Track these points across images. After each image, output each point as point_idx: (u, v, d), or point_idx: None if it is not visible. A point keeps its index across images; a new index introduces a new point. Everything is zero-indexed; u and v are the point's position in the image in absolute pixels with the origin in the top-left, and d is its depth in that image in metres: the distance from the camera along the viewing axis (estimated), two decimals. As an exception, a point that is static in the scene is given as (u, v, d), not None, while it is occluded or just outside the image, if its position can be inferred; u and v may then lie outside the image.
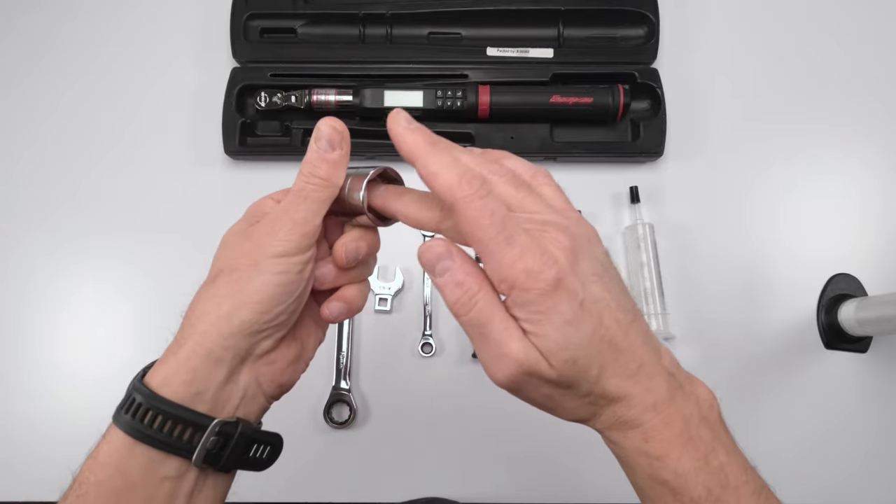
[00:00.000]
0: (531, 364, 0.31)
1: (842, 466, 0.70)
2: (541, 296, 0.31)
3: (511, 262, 0.31)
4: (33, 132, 0.79)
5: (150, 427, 0.34)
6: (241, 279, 0.36)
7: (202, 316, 0.36)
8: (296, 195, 0.37)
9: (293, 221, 0.36)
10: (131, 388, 0.36)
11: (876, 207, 0.77)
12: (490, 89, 0.75)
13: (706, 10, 0.83)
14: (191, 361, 0.35)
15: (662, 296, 0.71)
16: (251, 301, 0.35)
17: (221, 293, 0.36)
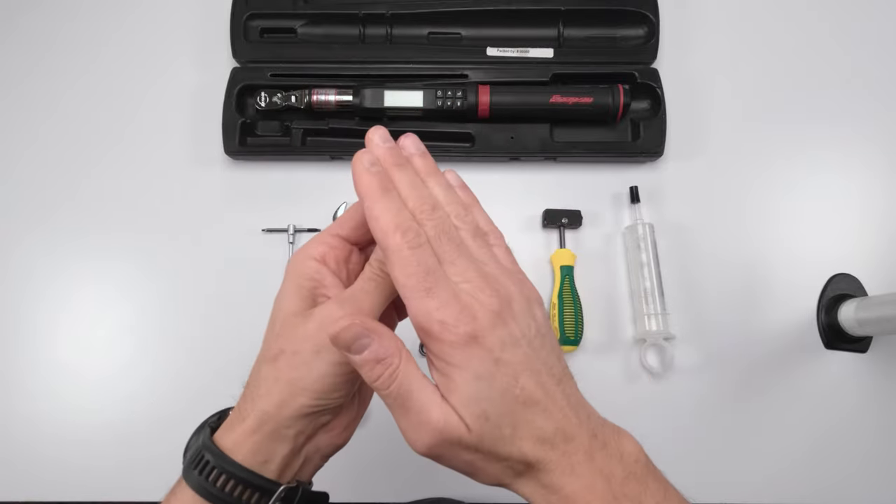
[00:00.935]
0: (451, 430, 0.32)
1: (841, 466, 0.70)
2: (452, 348, 0.32)
3: (428, 311, 0.32)
4: (33, 132, 0.79)
5: (219, 489, 0.35)
6: (303, 365, 0.36)
7: (264, 395, 0.36)
8: (364, 283, 0.37)
9: (358, 310, 0.36)
10: (201, 447, 0.37)
11: (876, 207, 0.77)
12: (490, 89, 0.75)
13: (706, 10, 0.83)
14: (255, 436, 0.36)
15: (662, 296, 0.71)
16: (311, 389, 0.36)
17: (283, 377, 0.36)
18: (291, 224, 0.74)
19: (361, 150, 0.36)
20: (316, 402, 0.36)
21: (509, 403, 0.32)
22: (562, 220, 0.74)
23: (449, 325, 0.31)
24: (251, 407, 0.37)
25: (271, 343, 0.37)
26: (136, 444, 0.70)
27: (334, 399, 0.37)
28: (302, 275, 0.38)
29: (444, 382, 0.32)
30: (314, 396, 0.36)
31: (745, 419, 0.71)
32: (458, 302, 0.32)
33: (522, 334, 0.33)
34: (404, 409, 0.33)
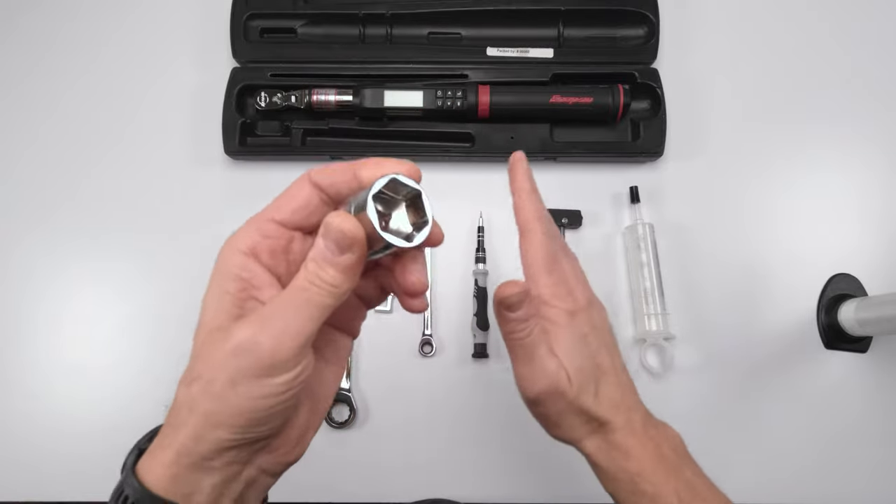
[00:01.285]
0: (560, 380, 0.41)
1: (842, 466, 0.70)
2: (559, 314, 0.42)
3: (546, 284, 0.43)
4: (33, 132, 0.79)
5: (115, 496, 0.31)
6: (217, 398, 0.30)
7: (181, 425, 0.31)
8: (294, 296, 0.30)
9: (289, 331, 0.29)
10: (123, 478, 0.33)
11: (876, 207, 0.77)
12: (490, 89, 0.75)
13: (706, 10, 0.83)
14: (174, 468, 0.31)
15: (662, 296, 0.71)
16: (228, 423, 0.30)
17: (198, 407, 0.31)
18: None
19: (519, 151, 0.46)
20: (237, 436, 0.31)
21: (593, 368, 0.42)
22: (562, 220, 0.74)
23: (561, 297, 0.42)
24: (172, 436, 0.31)
25: (190, 363, 0.32)
26: (135, 444, 0.70)
27: (261, 431, 0.32)
28: (226, 275, 0.32)
29: (550, 339, 0.41)
30: (233, 431, 0.31)
31: (745, 419, 0.71)
32: (567, 285, 0.43)
33: (601, 324, 0.44)
34: (529, 357, 0.41)
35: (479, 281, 0.73)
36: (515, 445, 0.70)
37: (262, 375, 0.30)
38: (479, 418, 0.70)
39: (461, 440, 0.69)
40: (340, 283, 0.30)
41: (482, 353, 0.71)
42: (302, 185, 0.34)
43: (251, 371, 0.29)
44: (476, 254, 0.74)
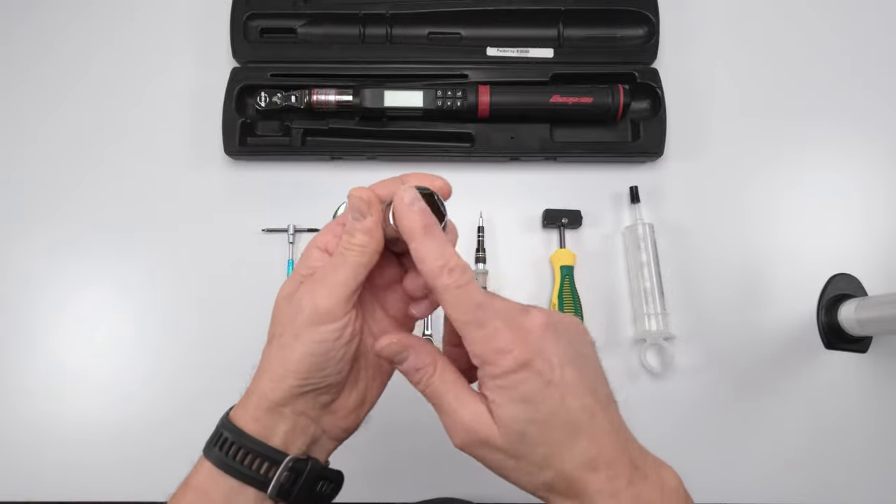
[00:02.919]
0: (479, 431, 0.35)
1: (841, 466, 0.70)
2: (506, 372, 0.33)
3: (482, 341, 0.34)
4: (33, 132, 0.79)
5: (234, 459, 0.37)
6: (285, 347, 0.37)
7: (262, 375, 0.39)
8: (336, 259, 0.38)
9: (332, 284, 0.37)
10: (220, 426, 0.39)
11: (876, 207, 0.77)
12: (490, 89, 0.75)
13: (706, 10, 0.83)
14: (258, 412, 0.38)
15: (662, 296, 0.71)
16: (294, 370, 0.37)
17: (273, 359, 0.38)
18: (291, 224, 0.74)
19: (402, 187, 0.37)
20: (303, 381, 0.37)
21: (553, 426, 0.34)
22: (562, 220, 0.74)
23: (502, 352, 0.33)
24: (254, 386, 0.39)
25: (270, 327, 0.39)
26: (136, 443, 0.70)
27: (322, 378, 0.38)
28: (305, 264, 0.39)
29: (490, 400, 0.35)
30: (300, 377, 0.37)
31: (745, 419, 0.71)
32: (510, 328, 0.34)
33: (569, 358, 0.35)
34: (440, 408, 0.37)
35: (479, 281, 0.73)
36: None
37: (317, 323, 0.36)
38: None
39: (461, 440, 0.69)
40: (366, 242, 0.37)
41: (482, 353, 0.71)
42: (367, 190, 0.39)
43: (308, 321, 0.37)
44: (476, 254, 0.74)
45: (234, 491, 0.37)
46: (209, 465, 0.37)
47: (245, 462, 0.37)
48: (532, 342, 0.34)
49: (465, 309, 0.34)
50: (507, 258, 0.75)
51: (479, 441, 0.35)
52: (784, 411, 0.71)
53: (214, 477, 0.37)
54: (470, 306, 0.34)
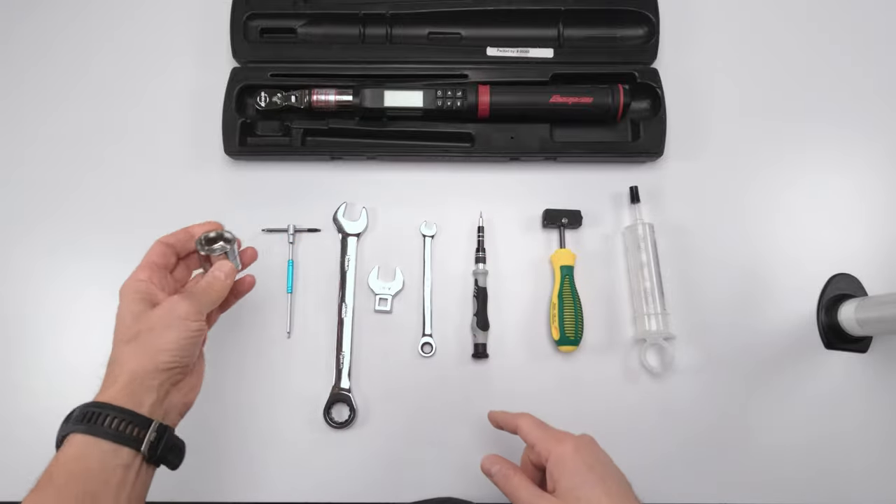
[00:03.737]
0: None
1: (842, 466, 0.70)
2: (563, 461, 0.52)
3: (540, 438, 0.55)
4: (34, 132, 0.79)
5: (105, 427, 0.46)
6: (159, 335, 0.51)
7: (129, 360, 0.50)
8: (204, 287, 0.56)
9: (200, 305, 0.54)
10: (82, 409, 0.48)
11: (876, 207, 0.77)
12: (490, 89, 0.75)
13: (706, 10, 0.83)
14: (128, 388, 0.49)
15: (662, 296, 0.71)
16: (167, 349, 0.51)
17: (144, 345, 0.51)
18: (291, 224, 0.75)
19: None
20: (172, 358, 0.51)
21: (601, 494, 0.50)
22: (562, 220, 0.74)
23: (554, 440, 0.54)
24: (119, 372, 0.49)
25: (125, 331, 0.52)
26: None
27: (184, 358, 0.52)
28: (136, 291, 0.54)
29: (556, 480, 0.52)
30: (170, 354, 0.51)
31: (744, 419, 0.71)
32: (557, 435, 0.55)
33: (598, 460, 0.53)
34: (517, 498, 0.53)
35: (480, 281, 0.73)
36: (516, 445, 0.69)
37: (186, 318, 0.52)
38: (480, 418, 0.70)
39: (461, 440, 0.69)
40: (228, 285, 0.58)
41: (482, 353, 0.71)
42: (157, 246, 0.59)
43: (179, 316, 0.52)
44: (476, 254, 0.74)
45: (109, 454, 0.45)
46: (79, 437, 0.45)
47: (117, 427, 0.46)
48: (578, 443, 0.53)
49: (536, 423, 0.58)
50: (507, 258, 0.75)
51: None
52: (784, 411, 0.71)
53: (88, 445, 0.45)
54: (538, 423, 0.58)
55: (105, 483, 0.45)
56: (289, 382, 0.71)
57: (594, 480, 0.50)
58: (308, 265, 0.75)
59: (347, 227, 0.75)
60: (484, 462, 0.57)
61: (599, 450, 0.54)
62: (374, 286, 0.73)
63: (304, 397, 0.70)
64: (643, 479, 0.68)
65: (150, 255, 0.58)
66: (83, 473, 0.45)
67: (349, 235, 0.75)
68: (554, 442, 0.53)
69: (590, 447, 0.53)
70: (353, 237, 0.75)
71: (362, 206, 0.75)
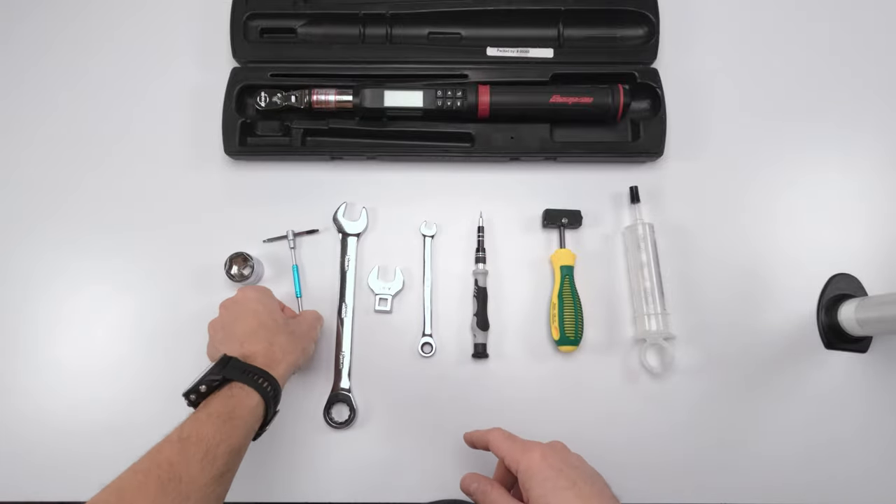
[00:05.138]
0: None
1: (841, 466, 0.69)
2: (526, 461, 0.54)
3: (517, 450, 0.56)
4: (34, 132, 0.79)
5: (271, 397, 0.56)
6: (307, 342, 0.66)
7: (291, 351, 0.61)
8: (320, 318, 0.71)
9: (321, 325, 0.71)
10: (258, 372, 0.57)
11: (876, 207, 0.77)
12: (490, 89, 0.75)
13: (706, 10, 0.83)
14: (287, 373, 0.60)
15: (662, 296, 0.71)
16: (307, 355, 0.66)
17: (298, 344, 0.63)
18: (290, 230, 0.74)
19: None
20: (308, 358, 0.67)
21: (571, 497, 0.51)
22: (562, 220, 0.74)
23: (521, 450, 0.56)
24: (282, 357, 0.60)
25: (283, 324, 0.63)
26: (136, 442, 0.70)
27: (308, 361, 0.69)
28: (274, 298, 0.66)
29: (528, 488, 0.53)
30: (308, 356, 0.66)
31: (744, 419, 0.71)
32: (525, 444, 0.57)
33: (564, 461, 0.54)
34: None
35: (480, 281, 0.73)
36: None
37: (316, 339, 0.69)
38: (480, 418, 0.70)
39: (461, 440, 0.69)
40: None
41: (482, 353, 0.71)
42: None
43: (317, 330, 0.69)
44: (476, 254, 0.74)
45: (260, 414, 0.55)
46: (255, 394, 0.55)
47: (274, 397, 0.57)
48: (545, 451, 0.55)
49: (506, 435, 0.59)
50: (507, 258, 0.75)
51: None
52: (784, 411, 0.71)
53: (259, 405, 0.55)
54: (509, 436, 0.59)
55: (251, 431, 0.55)
56: (289, 382, 0.70)
57: (564, 485, 0.51)
58: (308, 265, 0.75)
59: (347, 227, 0.75)
60: (463, 481, 0.58)
61: (568, 453, 0.55)
62: (374, 286, 0.73)
63: (303, 397, 0.70)
64: (643, 479, 0.68)
65: None
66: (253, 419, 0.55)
67: (349, 235, 0.75)
68: (521, 452, 0.54)
69: (558, 453, 0.54)
70: (353, 237, 0.75)
71: (362, 206, 0.76)
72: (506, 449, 0.56)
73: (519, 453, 0.54)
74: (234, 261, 0.72)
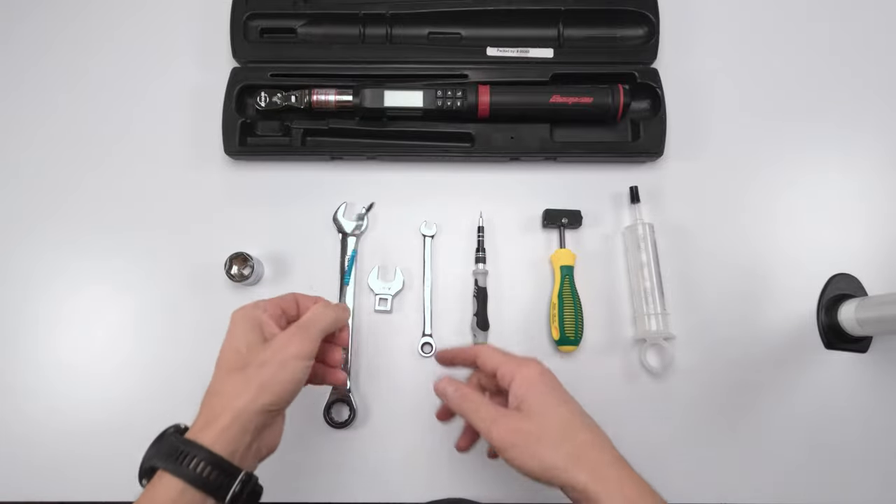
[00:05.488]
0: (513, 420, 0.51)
1: (841, 466, 0.70)
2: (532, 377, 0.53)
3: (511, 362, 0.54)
4: (34, 132, 0.79)
5: (199, 473, 0.44)
6: (271, 374, 0.48)
7: (235, 396, 0.47)
8: (311, 324, 0.52)
9: (311, 337, 0.51)
10: (174, 442, 0.46)
11: (876, 207, 0.77)
12: (490, 89, 0.75)
13: (706, 10, 0.83)
14: (230, 430, 0.46)
15: (662, 296, 0.71)
16: (272, 390, 0.48)
17: (253, 381, 0.48)
18: (361, 210, 0.75)
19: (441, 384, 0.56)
20: (275, 400, 0.48)
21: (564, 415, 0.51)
22: (562, 220, 0.74)
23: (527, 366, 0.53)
24: (221, 409, 0.47)
25: (234, 360, 0.49)
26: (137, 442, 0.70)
27: (285, 401, 0.50)
28: (252, 318, 0.52)
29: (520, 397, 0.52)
30: (275, 395, 0.48)
31: (744, 419, 0.71)
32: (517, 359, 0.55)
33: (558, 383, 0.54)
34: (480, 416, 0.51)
35: (480, 281, 0.73)
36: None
37: (299, 359, 0.50)
38: (479, 418, 0.70)
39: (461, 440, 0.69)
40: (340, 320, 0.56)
41: (482, 353, 0.71)
42: (289, 296, 0.57)
43: (294, 356, 0.50)
44: (476, 254, 0.74)
45: (197, 501, 0.44)
46: (172, 480, 0.44)
47: (208, 476, 0.44)
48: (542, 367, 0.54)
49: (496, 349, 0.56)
50: (507, 258, 0.75)
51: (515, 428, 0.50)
52: (784, 411, 0.71)
53: (184, 492, 0.44)
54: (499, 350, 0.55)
55: None
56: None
57: (560, 399, 0.52)
58: (308, 265, 0.75)
59: (347, 227, 0.75)
60: (438, 384, 0.55)
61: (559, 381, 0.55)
62: (374, 286, 0.73)
63: (304, 397, 0.70)
64: (643, 479, 0.68)
65: (278, 299, 0.56)
66: None
67: (349, 235, 0.75)
68: (516, 364, 0.53)
69: (553, 375, 0.54)
70: (353, 237, 0.75)
71: (362, 206, 0.76)
72: (500, 360, 0.54)
73: (514, 365, 0.53)
74: (234, 261, 0.72)
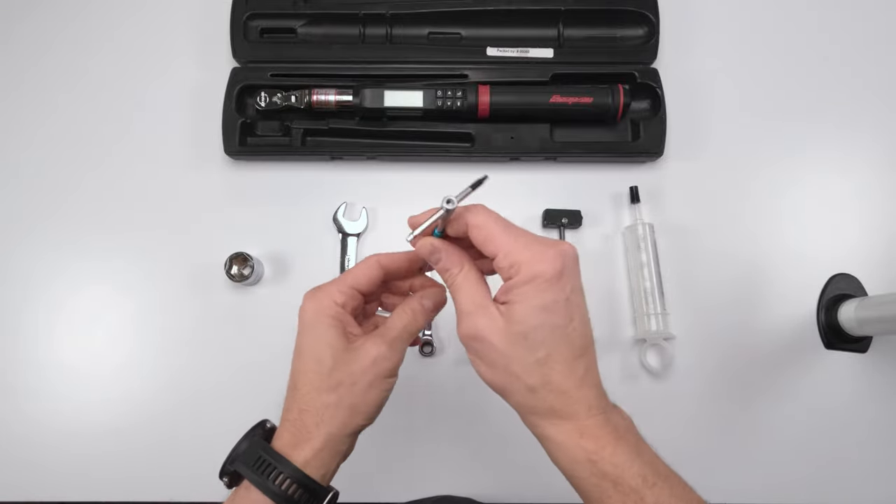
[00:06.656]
0: (484, 327, 0.41)
1: (841, 466, 0.70)
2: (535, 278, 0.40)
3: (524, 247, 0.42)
4: (34, 132, 0.79)
5: (284, 490, 0.42)
6: (361, 393, 0.45)
7: (328, 419, 0.44)
8: (402, 331, 0.48)
9: (401, 351, 0.47)
10: (258, 450, 0.44)
11: (876, 207, 0.77)
12: (490, 89, 0.75)
13: (706, 10, 0.83)
14: (323, 453, 0.44)
15: (662, 296, 0.71)
16: (364, 412, 0.45)
17: (344, 403, 0.45)
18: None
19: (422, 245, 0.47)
20: (366, 422, 0.46)
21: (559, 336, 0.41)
22: (562, 220, 0.74)
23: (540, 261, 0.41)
24: (316, 429, 0.44)
25: (325, 376, 0.45)
26: (137, 443, 0.70)
27: (373, 419, 0.47)
28: (333, 317, 0.46)
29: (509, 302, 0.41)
30: (366, 418, 0.46)
31: (744, 419, 0.71)
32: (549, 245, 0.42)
33: (580, 287, 0.42)
34: (457, 301, 0.44)
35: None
36: (515, 444, 0.70)
37: (389, 377, 0.46)
38: (480, 418, 0.70)
39: (461, 440, 0.69)
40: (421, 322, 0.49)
41: (482, 353, 0.71)
42: (372, 264, 0.48)
43: (383, 374, 0.46)
44: (476, 254, 0.74)
45: None
46: (264, 498, 0.42)
47: (293, 495, 0.42)
48: (565, 262, 0.41)
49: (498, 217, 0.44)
50: (507, 258, 0.75)
51: (480, 336, 0.42)
52: (784, 411, 0.71)
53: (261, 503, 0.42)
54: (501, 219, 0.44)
55: None
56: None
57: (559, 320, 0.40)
58: (308, 265, 0.75)
59: (347, 227, 0.75)
60: (423, 243, 0.45)
61: (579, 278, 0.42)
62: (374, 286, 0.73)
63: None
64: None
65: (358, 276, 0.47)
66: None
67: (349, 235, 0.75)
68: (529, 254, 0.41)
69: (573, 275, 0.41)
70: (353, 237, 0.75)
71: (362, 206, 0.76)
72: (501, 242, 0.42)
73: (527, 254, 0.41)
74: (234, 261, 0.72)
